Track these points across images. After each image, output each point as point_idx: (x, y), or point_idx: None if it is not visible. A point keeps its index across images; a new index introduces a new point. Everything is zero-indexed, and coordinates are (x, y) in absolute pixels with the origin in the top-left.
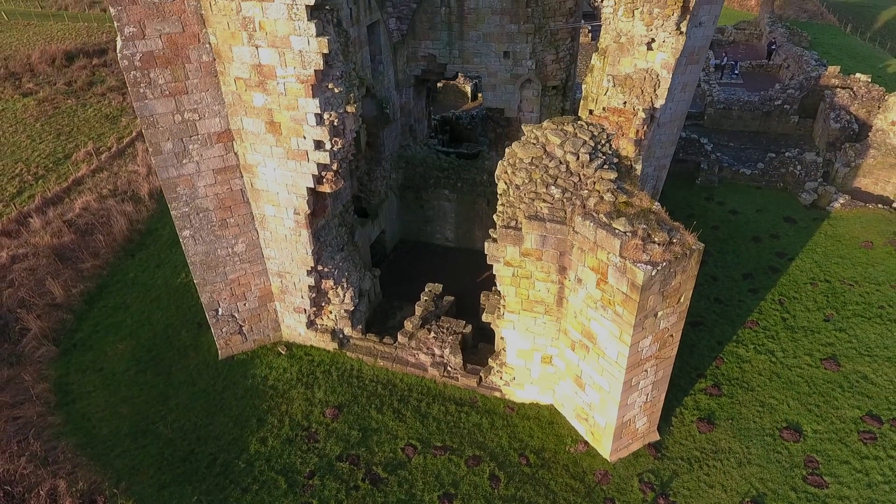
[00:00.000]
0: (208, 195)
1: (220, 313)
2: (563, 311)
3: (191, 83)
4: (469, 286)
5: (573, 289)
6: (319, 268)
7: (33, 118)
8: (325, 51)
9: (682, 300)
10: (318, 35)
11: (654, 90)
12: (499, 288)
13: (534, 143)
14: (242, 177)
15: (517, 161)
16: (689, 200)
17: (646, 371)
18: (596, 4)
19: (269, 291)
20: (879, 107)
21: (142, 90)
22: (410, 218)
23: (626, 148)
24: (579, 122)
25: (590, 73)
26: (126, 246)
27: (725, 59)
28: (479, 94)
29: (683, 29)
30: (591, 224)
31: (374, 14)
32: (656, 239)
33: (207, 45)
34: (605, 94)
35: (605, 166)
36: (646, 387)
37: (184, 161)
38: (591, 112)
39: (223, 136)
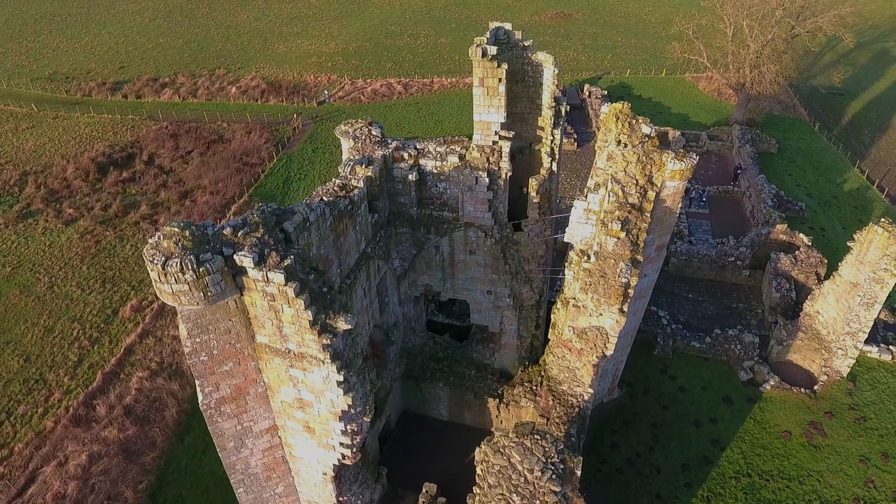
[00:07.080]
0: (258, 465)
1: None
2: None
3: (249, 406)
4: (460, 467)
5: None
6: (341, 499)
7: (79, 258)
8: (350, 403)
9: None
10: (345, 393)
11: (605, 344)
12: None
13: (502, 453)
14: (283, 449)
15: (491, 464)
16: (647, 373)
17: None
18: (582, 97)
19: None
20: (816, 273)
21: (215, 418)
22: (411, 397)
23: (587, 366)
24: (535, 436)
25: (556, 310)
26: (176, 430)
27: (693, 192)
28: None
29: (625, 310)
30: None
31: (382, 270)
32: None
33: (262, 383)
34: (568, 333)
35: (553, 477)
36: None
37: (241, 450)
38: (557, 336)
39: (271, 429)
